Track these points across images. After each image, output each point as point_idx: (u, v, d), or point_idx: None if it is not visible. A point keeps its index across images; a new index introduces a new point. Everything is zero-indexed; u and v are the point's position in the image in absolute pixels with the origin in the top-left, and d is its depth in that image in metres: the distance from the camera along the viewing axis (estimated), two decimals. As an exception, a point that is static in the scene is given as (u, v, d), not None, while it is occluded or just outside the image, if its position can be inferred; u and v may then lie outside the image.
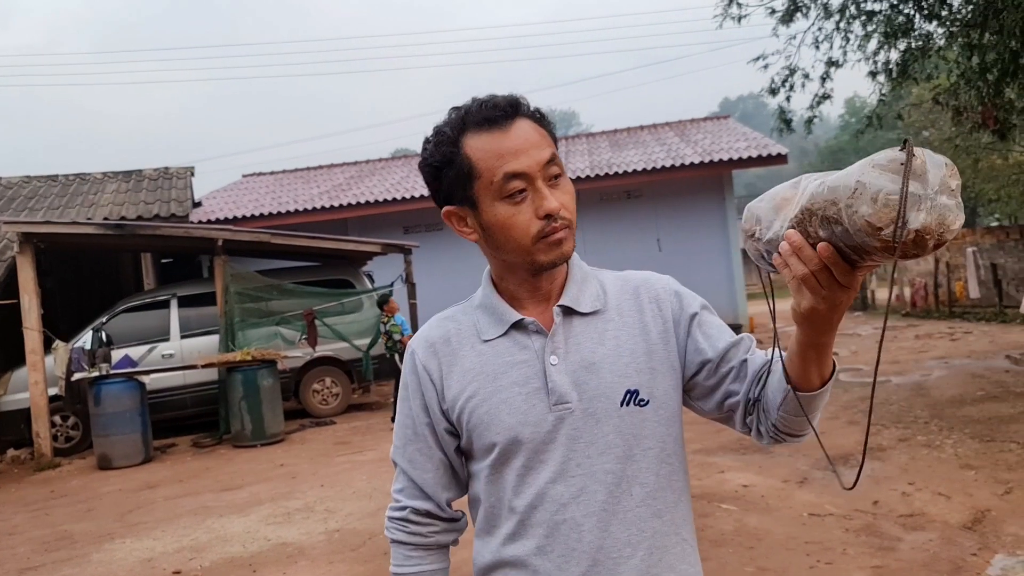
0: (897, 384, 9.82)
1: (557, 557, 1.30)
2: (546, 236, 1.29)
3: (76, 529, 6.65)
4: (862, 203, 0.97)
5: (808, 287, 1.09)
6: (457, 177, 1.32)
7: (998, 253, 18.82)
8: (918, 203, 0.95)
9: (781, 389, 1.27)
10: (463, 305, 1.47)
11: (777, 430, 1.33)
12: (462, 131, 1.31)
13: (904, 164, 0.96)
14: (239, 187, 20.07)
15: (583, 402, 1.32)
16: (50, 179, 15.93)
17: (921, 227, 0.95)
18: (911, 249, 0.97)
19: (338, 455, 8.78)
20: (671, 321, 1.39)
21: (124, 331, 11.05)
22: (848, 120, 63.26)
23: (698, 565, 1.40)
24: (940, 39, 9.31)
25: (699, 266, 16.56)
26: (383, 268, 13.77)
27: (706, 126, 20.38)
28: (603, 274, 1.46)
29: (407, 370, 1.45)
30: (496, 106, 1.30)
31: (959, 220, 0.97)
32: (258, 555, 5.42)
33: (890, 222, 0.95)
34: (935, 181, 0.96)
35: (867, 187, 0.97)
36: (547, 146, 1.31)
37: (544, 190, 1.29)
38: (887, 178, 0.96)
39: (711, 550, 4.58)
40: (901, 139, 0.99)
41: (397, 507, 1.45)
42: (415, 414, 1.43)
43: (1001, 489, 5.38)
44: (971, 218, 30.35)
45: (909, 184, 0.95)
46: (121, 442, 9.38)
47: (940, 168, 0.97)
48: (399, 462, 1.45)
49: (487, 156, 1.29)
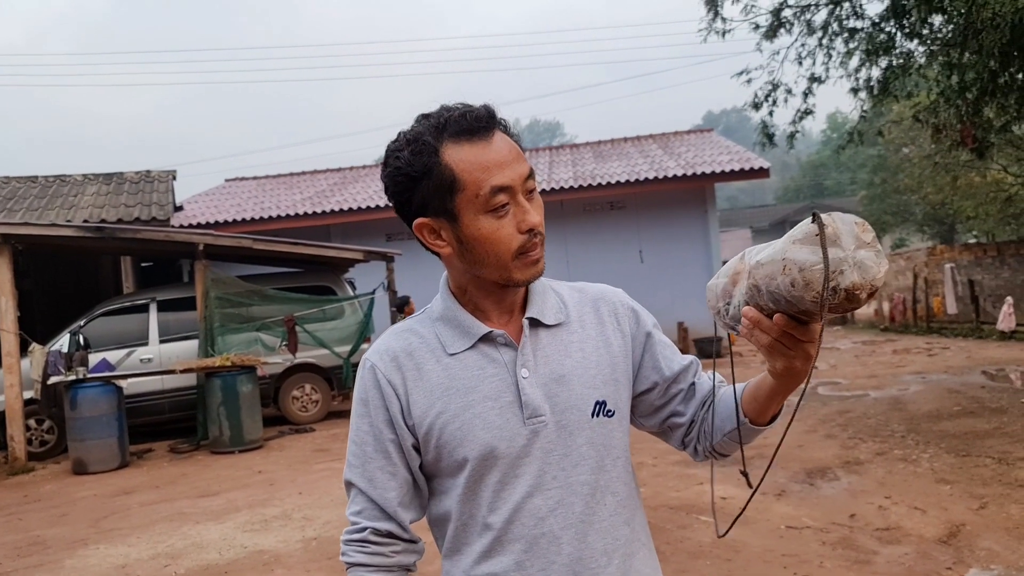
0: (875, 398, 9.89)
1: (537, 571, 1.30)
2: (526, 252, 1.29)
3: (49, 535, 6.57)
4: (792, 276, 1.08)
5: (777, 352, 1.17)
6: (437, 188, 1.27)
7: (976, 270, 19.04)
8: (841, 265, 1.05)
9: (731, 419, 1.36)
10: (419, 317, 1.42)
11: (715, 451, 1.43)
12: (441, 140, 1.27)
13: (819, 235, 1.06)
14: (221, 192, 19.97)
15: (555, 415, 1.32)
16: (30, 180, 15.79)
17: (850, 286, 1.06)
18: (847, 305, 1.07)
19: (317, 463, 8.72)
20: (629, 336, 1.43)
21: (102, 335, 10.95)
22: (830, 135, 63.82)
23: (659, 569, 1.45)
24: (921, 57, 9.44)
25: (681, 278, 16.64)
26: (365, 275, 13.73)
27: (689, 139, 20.50)
28: (558, 285, 1.46)
29: (366, 385, 1.37)
30: (478, 117, 1.27)
31: (883, 268, 1.08)
32: (234, 562, 5.37)
33: (820, 285, 1.06)
34: (849, 241, 1.07)
35: (793, 262, 1.07)
36: (523, 160, 1.30)
37: (526, 204, 1.28)
38: (808, 251, 1.07)
39: (689, 562, 4.59)
40: (810, 212, 1.11)
41: (355, 529, 1.37)
42: (378, 430, 1.35)
43: (976, 504, 5.43)
44: (949, 235, 30.68)
45: (829, 251, 1.05)
46: (97, 447, 9.28)
47: (851, 227, 1.08)
48: (356, 482, 1.37)
49: (472, 168, 1.25)
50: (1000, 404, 8.79)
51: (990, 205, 20.89)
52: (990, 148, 9.91)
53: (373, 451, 1.36)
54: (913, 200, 28.23)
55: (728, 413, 1.37)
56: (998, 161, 18.71)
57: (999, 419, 8.00)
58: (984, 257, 19.61)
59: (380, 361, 1.37)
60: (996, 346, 14.81)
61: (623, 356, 1.41)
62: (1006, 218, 21.83)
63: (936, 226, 30.74)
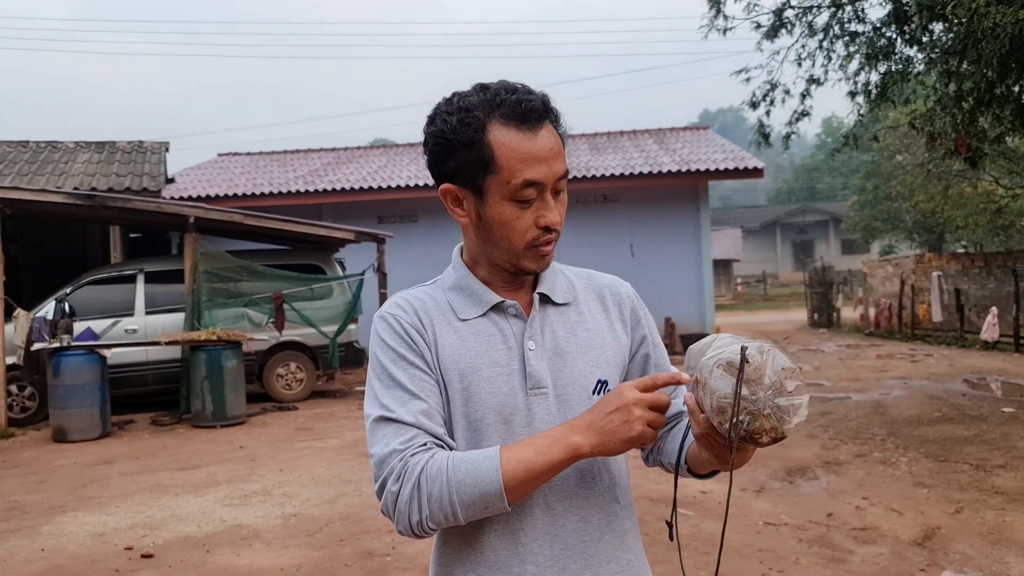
0: (857, 401, 9.96)
1: (530, 541, 1.32)
2: (537, 246, 1.32)
3: (27, 500, 6.54)
4: (706, 398, 1.11)
5: (703, 444, 1.21)
6: (473, 163, 1.29)
7: (962, 279, 19.17)
8: (750, 407, 1.07)
9: (674, 454, 1.40)
10: (429, 286, 1.44)
11: (662, 466, 1.48)
12: (491, 118, 1.28)
13: (739, 370, 1.08)
14: (214, 166, 19.85)
15: (557, 388, 1.36)
16: (20, 145, 15.65)
17: (753, 429, 1.08)
18: (747, 442, 1.10)
19: (299, 441, 8.72)
20: (630, 328, 1.47)
21: (88, 303, 10.89)
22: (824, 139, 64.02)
23: (643, 550, 1.47)
24: (920, 64, 9.46)
25: (671, 274, 16.69)
26: (355, 256, 13.69)
27: (685, 136, 20.51)
28: (567, 269, 1.49)
29: (391, 332, 1.34)
30: (532, 108, 1.28)
31: (796, 419, 1.09)
32: (212, 535, 5.37)
33: (726, 418, 1.08)
34: (769, 383, 1.08)
35: (708, 386, 1.10)
36: (563, 159, 1.32)
37: (551, 202, 1.31)
38: (724, 381, 1.08)
39: (667, 553, 4.60)
40: (741, 345, 1.11)
41: (406, 439, 1.25)
42: (418, 369, 1.31)
43: (952, 508, 5.48)
44: (938, 244, 30.85)
45: (744, 388, 1.07)
46: (78, 415, 9.24)
47: (778, 372, 1.08)
48: (400, 417, 1.26)
49: (511, 155, 1.27)
50: (980, 412, 8.87)
51: (980, 216, 21.01)
52: (983, 158, 9.95)
53: (419, 388, 1.31)
54: (904, 207, 28.36)
55: (673, 447, 1.42)
56: (990, 172, 18.81)
57: (978, 427, 8.08)
58: (971, 267, 19.76)
59: (401, 312, 1.37)
60: (979, 355, 14.93)
61: (624, 345, 1.44)
62: (995, 229, 21.96)
63: (925, 234, 30.90)
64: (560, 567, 1.32)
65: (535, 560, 1.32)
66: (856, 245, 42.50)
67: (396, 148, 21.54)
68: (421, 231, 16.56)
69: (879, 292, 22.80)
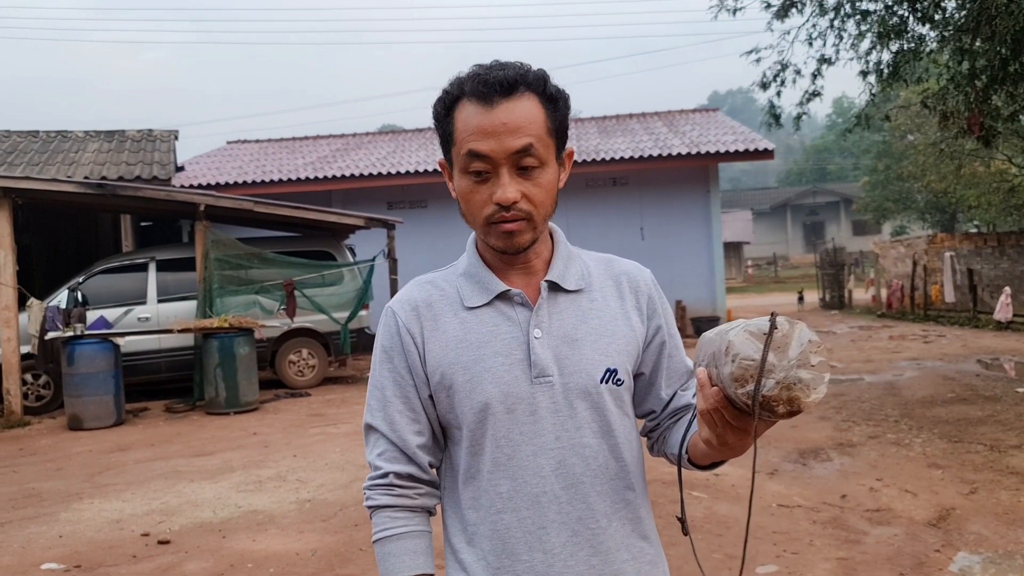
0: (870, 383, 9.94)
1: (536, 528, 1.32)
2: (495, 223, 1.31)
3: (44, 488, 6.60)
4: (727, 361, 1.09)
5: (705, 421, 1.18)
6: (444, 138, 1.36)
7: (975, 259, 19.05)
8: (771, 372, 1.05)
9: (678, 445, 1.39)
10: (445, 271, 1.46)
11: (666, 457, 1.49)
12: (460, 95, 1.32)
13: (767, 334, 1.06)
14: (223, 153, 19.88)
15: (563, 377, 1.35)
16: (31, 135, 15.70)
17: (770, 395, 1.05)
18: (761, 411, 1.08)
19: (312, 427, 8.76)
20: (646, 316, 1.45)
21: (100, 292, 10.94)
22: (835, 120, 63.63)
23: (658, 539, 1.47)
24: (932, 42, 9.36)
25: (681, 257, 16.65)
26: (365, 242, 13.71)
27: (694, 118, 20.40)
28: (586, 254, 1.48)
29: (387, 332, 1.41)
30: (490, 81, 1.29)
31: (816, 394, 1.07)
32: (228, 521, 5.41)
33: (745, 383, 1.06)
34: (794, 354, 1.06)
35: (732, 347, 1.08)
36: (526, 135, 1.28)
37: (504, 178, 1.29)
38: (750, 345, 1.07)
39: (680, 536, 4.62)
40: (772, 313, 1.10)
41: (378, 474, 1.39)
42: (398, 375, 1.39)
43: (967, 489, 5.47)
44: (950, 224, 30.67)
45: (769, 354, 1.06)
46: (93, 403, 9.31)
47: (804, 343, 1.07)
48: (377, 426, 1.40)
49: (463, 128, 1.30)
50: (994, 392, 8.83)
51: (993, 195, 20.86)
52: (996, 137, 9.86)
53: (393, 395, 1.40)
54: (916, 188, 28.15)
55: (677, 438, 1.41)
56: (1003, 151, 18.66)
57: (992, 407, 8.05)
58: (984, 247, 19.63)
59: (401, 310, 1.42)
60: (992, 336, 14.85)
61: (637, 333, 1.43)
62: (1008, 208, 21.80)
63: (937, 214, 30.70)
64: (568, 554, 1.33)
65: (543, 548, 1.32)
66: (867, 226, 42.25)
67: (405, 134, 21.51)
68: (431, 217, 16.56)
69: (891, 273, 22.69)
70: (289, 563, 4.56)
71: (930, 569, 4.13)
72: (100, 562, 4.73)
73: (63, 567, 4.66)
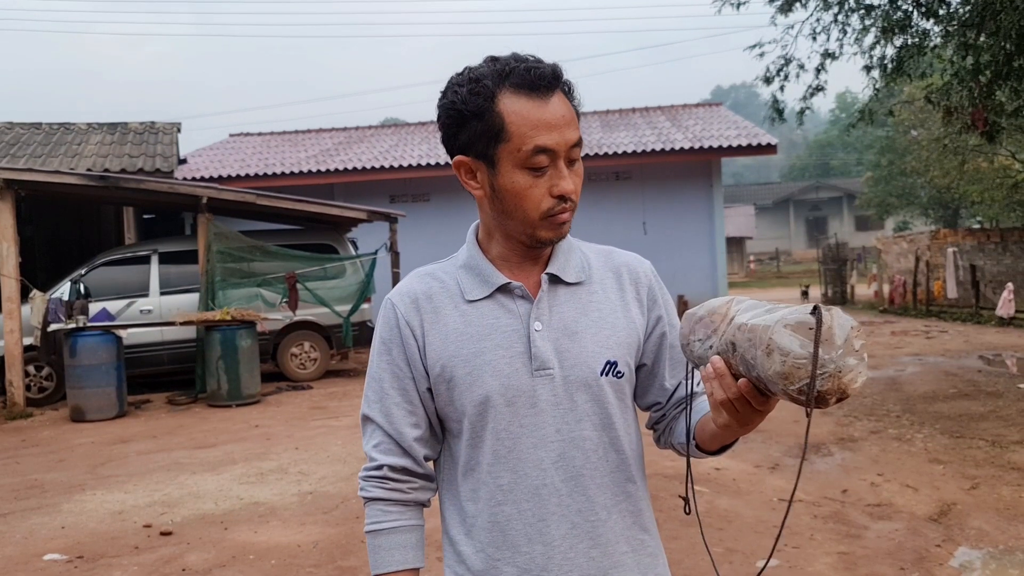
0: (871, 378, 9.94)
1: (536, 520, 1.33)
2: (553, 215, 1.31)
3: (47, 479, 6.62)
4: (774, 360, 1.06)
5: (726, 409, 1.17)
6: (484, 132, 1.29)
7: (978, 255, 19.03)
8: (825, 366, 1.03)
9: (686, 434, 1.39)
10: (445, 263, 1.46)
11: (673, 448, 1.47)
12: (500, 87, 1.28)
13: (814, 330, 1.03)
14: (225, 146, 19.88)
15: (563, 369, 1.35)
16: (33, 126, 15.69)
17: (824, 389, 1.04)
18: (814, 403, 1.06)
19: (314, 419, 8.78)
20: (646, 308, 1.45)
21: (103, 284, 10.95)
22: (838, 115, 63.45)
23: (657, 533, 1.47)
24: (936, 37, 9.34)
25: (683, 251, 16.64)
26: (367, 236, 13.71)
27: (698, 112, 20.37)
28: (586, 246, 1.48)
29: (386, 324, 1.41)
30: (542, 74, 1.28)
31: (861, 378, 1.06)
32: (230, 513, 5.43)
33: (798, 380, 1.04)
34: (840, 343, 1.04)
35: (777, 346, 1.05)
36: (576, 127, 1.31)
37: (564, 170, 1.30)
38: (796, 341, 1.04)
39: (681, 529, 4.63)
40: (812, 305, 1.07)
41: (373, 465, 1.40)
42: (396, 367, 1.39)
43: (968, 484, 5.47)
44: (953, 219, 30.62)
45: (819, 349, 1.03)
46: (95, 395, 9.32)
47: (846, 330, 1.05)
48: (374, 417, 1.40)
49: (521, 122, 1.27)
50: (996, 388, 8.83)
51: (996, 191, 20.82)
52: (1000, 132, 9.83)
53: (390, 387, 1.40)
54: (919, 183, 28.12)
55: (684, 428, 1.40)
56: (1007, 147, 18.62)
57: (994, 403, 8.05)
58: (987, 243, 19.60)
59: (400, 302, 1.41)
60: (994, 331, 14.84)
61: (637, 324, 1.43)
62: (1011, 204, 21.76)
63: (940, 210, 30.64)
64: (568, 546, 1.33)
65: (543, 539, 1.32)
66: (870, 221, 42.17)
67: (407, 127, 21.49)
68: (433, 210, 16.57)
69: (893, 268, 22.67)
70: (291, 555, 4.58)
71: (931, 564, 4.13)
72: (102, 553, 4.74)
73: (65, 557, 4.68)
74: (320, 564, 4.42)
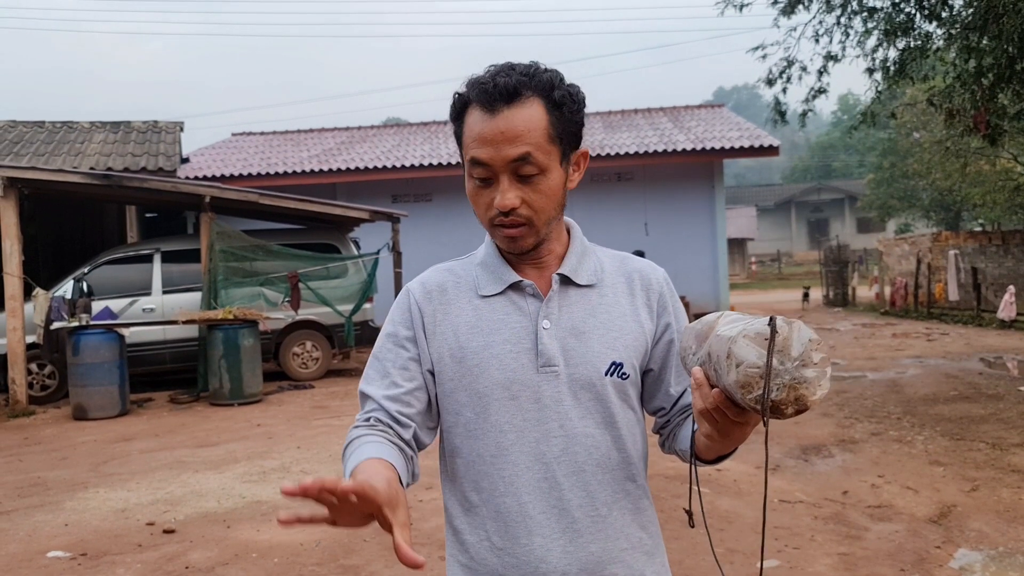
0: (872, 380, 9.95)
1: (538, 514, 1.35)
2: (496, 226, 1.36)
3: (49, 476, 6.64)
4: (731, 369, 1.09)
5: (706, 419, 1.19)
6: (458, 138, 1.39)
7: (979, 257, 19.03)
8: (777, 376, 1.06)
9: (686, 442, 1.40)
10: (464, 260, 1.50)
11: (676, 454, 1.49)
12: (471, 98, 1.34)
13: (768, 340, 1.06)
14: (228, 145, 19.90)
15: (569, 367, 1.38)
16: (37, 125, 15.73)
17: (777, 398, 1.06)
18: (771, 413, 1.08)
19: (315, 418, 8.80)
20: (655, 314, 1.47)
21: (105, 283, 10.98)
22: (840, 117, 63.46)
23: (659, 530, 1.50)
24: (939, 40, 9.34)
25: (685, 253, 16.65)
26: (370, 235, 13.73)
27: (700, 113, 20.38)
28: (601, 251, 1.51)
29: (399, 307, 1.45)
30: (488, 91, 1.30)
31: (821, 391, 1.08)
32: (232, 511, 5.45)
33: (753, 389, 1.07)
34: (796, 355, 1.07)
35: (736, 355, 1.09)
36: (524, 143, 1.29)
37: (503, 185, 1.32)
38: (753, 351, 1.07)
39: (681, 530, 4.64)
40: (769, 317, 1.10)
41: (362, 417, 1.37)
42: (401, 345, 1.41)
43: (968, 486, 5.49)
44: (955, 222, 30.61)
45: (773, 358, 1.06)
46: (98, 393, 9.35)
47: (804, 342, 1.07)
48: (372, 394, 1.39)
49: (467, 134, 1.34)
50: (996, 391, 8.84)
51: (998, 193, 20.80)
52: (1002, 135, 9.83)
53: (392, 365, 1.42)
54: (921, 185, 28.11)
55: (687, 435, 1.41)
56: (1009, 150, 18.61)
57: (995, 405, 8.06)
58: (988, 245, 19.60)
59: (416, 289, 1.47)
60: (995, 334, 14.85)
61: (647, 330, 1.45)
62: (1013, 207, 21.76)
63: (942, 212, 30.63)
64: (567, 540, 1.35)
65: (542, 532, 1.35)
66: (872, 223, 42.15)
67: (410, 127, 21.51)
68: (435, 210, 16.59)
69: (895, 271, 22.66)
70: (293, 553, 4.59)
71: (931, 565, 4.15)
72: (106, 551, 4.76)
73: (69, 555, 4.70)
74: (322, 562, 4.44)
